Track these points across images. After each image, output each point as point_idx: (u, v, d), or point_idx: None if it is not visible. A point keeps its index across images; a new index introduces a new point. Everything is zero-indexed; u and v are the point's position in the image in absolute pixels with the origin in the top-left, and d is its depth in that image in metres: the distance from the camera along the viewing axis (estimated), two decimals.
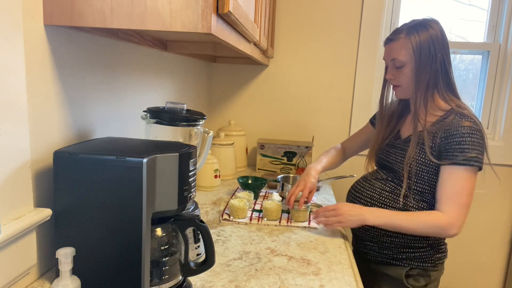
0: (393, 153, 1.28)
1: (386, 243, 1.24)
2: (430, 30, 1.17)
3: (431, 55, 1.16)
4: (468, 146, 1.11)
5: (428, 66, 1.17)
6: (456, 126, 1.13)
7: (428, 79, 1.18)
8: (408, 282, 1.22)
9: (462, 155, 1.11)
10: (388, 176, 1.27)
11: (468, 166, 1.11)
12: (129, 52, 1.16)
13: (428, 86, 1.18)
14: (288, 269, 1.00)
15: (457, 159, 1.11)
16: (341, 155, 1.56)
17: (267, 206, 1.30)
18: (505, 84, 2.04)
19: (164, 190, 0.72)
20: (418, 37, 1.16)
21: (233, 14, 0.78)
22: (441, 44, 1.17)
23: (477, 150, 1.11)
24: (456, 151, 1.12)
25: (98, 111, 1.02)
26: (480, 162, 1.12)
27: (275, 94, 2.19)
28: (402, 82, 1.22)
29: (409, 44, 1.17)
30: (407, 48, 1.17)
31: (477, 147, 1.11)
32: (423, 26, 1.18)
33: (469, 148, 1.11)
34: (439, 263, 1.24)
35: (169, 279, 0.77)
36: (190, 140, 0.99)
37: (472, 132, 1.12)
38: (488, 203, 2.14)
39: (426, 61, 1.16)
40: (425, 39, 1.16)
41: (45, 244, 0.85)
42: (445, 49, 1.18)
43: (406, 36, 1.18)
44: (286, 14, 2.10)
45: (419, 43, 1.16)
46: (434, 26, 1.18)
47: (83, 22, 0.74)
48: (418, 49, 1.16)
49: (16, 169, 0.73)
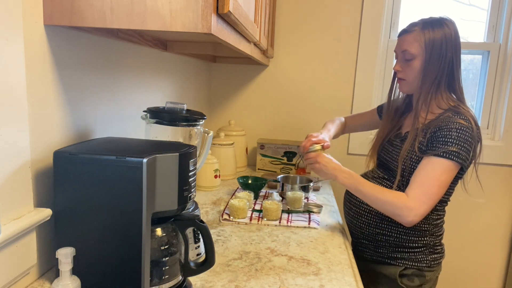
0: (391, 151, 1.29)
1: (381, 242, 1.24)
2: (445, 29, 1.17)
3: (442, 53, 1.16)
4: (452, 140, 1.10)
5: (437, 63, 1.17)
6: (447, 122, 1.13)
7: (435, 77, 1.18)
8: (402, 281, 1.22)
9: (443, 148, 1.11)
10: (385, 175, 1.27)
11: (446, 159, 1.10)
12: (129, 52, 1.16)
13: (433, 83, 1.18)
14: (288, 269, 1.00)
15: (437, 150, 1.11)
16: (343, 128, 1.61)
17: (267, 206, 1.30)
18: (505, 84, 2.04)
19: (164, 190, 0.72)
20: (432, 33, 1.17)
21: (233, 14, 0.78)
22: (453, 44, 1.17)
23: (460, 146, 1.10)
24: (440, 143, 1.12)
25: (98, 111, 1.02)
26: (461, 158, 1.10)
27: (275, 94, 2.19)
28: (409, 75, 1.22)
29: (423, 38, 1.17)
30: (420, 41, 1.18)
31: (462, 143, 1.10)
32: (439, 24, 1.18)
33: (453, 143, 1.10)
34: (434, 264, 1.23)
35: (169, 279, 0.77)
36: (190, 140, 0.99)
37: (461, 129, 1.11)
38: (488, 203, 2.14)
39: (436, 58, 1.17)
40: (439, 36, 1.16)
41: (45, 244, 0.85)
42: (456, 51, 1.18)
43: (420, 30, 1.19)
44: (286, 14, 2.10)
45: (432, 39, 1.16)
46: (449, 26, 1.18)
47: (83, 22, 0.74)
48: (430, 44, 1.17)
49: (16, 169, 0.73)
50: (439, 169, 1.11)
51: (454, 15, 1.23)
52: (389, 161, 1.26)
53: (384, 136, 1.35)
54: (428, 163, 1.12)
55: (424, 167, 1.13)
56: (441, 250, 1.26)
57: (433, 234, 1.23)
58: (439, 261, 1.25)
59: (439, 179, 1.10)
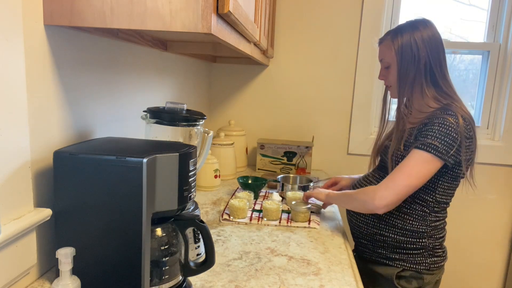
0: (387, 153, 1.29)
1: (379, 242, 1.24)
2: (415, 32, 1.19)
3: (414, 56, 1.18)
4: (433, 134, 1.11)
5: (411, 66, 1.19)
6: (433, 118, 1.14)
7: (412, 79, 1.20)
8: (399, 283, 1.21)
9: (422, 140, 1.11)
10: (384, 176, 1.27)
11: (423, 151, 1.10)
12: (129, 52, 1.16)
13: (412, 85, 1.21)
14: (288, 269, 1.00)
15: (417, 143, 1.12)
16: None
17: (267, 206, 1.30)
18: (505, 84, 2.04)
19: (164, 190, 0.72)
20: (401, 39, 1.20)
21: (233, 14, 0.78)
22: (427, 44, 1.18)
23: (440, 140, 1.10)
24: (421, 136, 1.13)
25: (98, 111, 1.02)
26: (440, 151, 1.09)
27: (275, 94, 2.19)
28: (391, 81, 1.27)
29: (393, 45, 1.22)
30: (391, 49, 1.22)
31: (442, 137, 1.10)
32: (410, 28, 1.21)
33: (433, 136, 1.10)
34: (434, 267, 1.22)
35: (169, 279, 0.77)
36: (190, 140, 0.99)
37: (444, 123, 1.11)
38: (488, 203, 2.14)
39: (409, 61, 1.19)
40: (407, 40, 1.19)
41: (45, 244, 0.85)
42: (431, 49, 1.19)
43: (390, 38, 1.23)
44: (286, 14, 2.10)
45: (401, 44, 1.20)
46: (421, 27, 1.19)
47: (83, 22, 0.74)
48: (400, 50, 1.20)
49: (16, 169, 0.73)
50: (413, 160, 1.12)
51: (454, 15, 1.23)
52: (386, 162, 1.26)
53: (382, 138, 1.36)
54: (408, 156, 1.14)
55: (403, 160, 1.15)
56: (442, 253, 1.24)
57: (432, 236, 1.22)
58: (440, 265, 1.24)
59: (410, 168, 1.11)
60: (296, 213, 1.30)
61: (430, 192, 1.18)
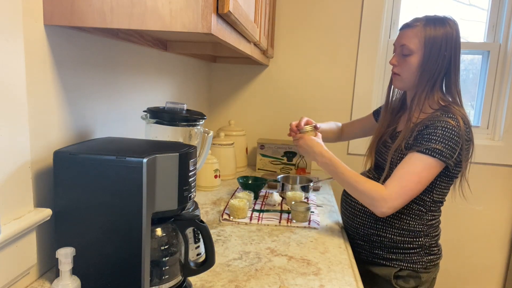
0: (383, 152, 1.29)
1: (376, 243, 1.24)
2: (447, 28, 1.16)
3: (441, 52, 1.15)
4: (437, 138, 1.10)
5: (435, 62, 1.15)
6: (434, 120, 1.13)
7: (432, 76, 1.17)
8: (397, 283, 1.21)
9: (426, 144, 1.10)
10: (380, 176, 1.27)
11: (428, 156, 1.09)
12: (129, 52, 1.16)
13: (428, 82, 1.17)
14: (288, 269, 1.00)
15: (421, 147, 1.11)
16: (338, 132, 1.64)
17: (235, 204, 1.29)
18: (505, 84, 2.04)
19: (164, 190, 0.72)
20: (434, 31, 1.15)
21: (233, 14, 0.78)
22: (454, 45, 1.16)
23: (444, 144, 1.09)
24: (424, 140, 1.11)
25: (98, 111, 1.02)
26: (444, 156, 1.09)
27: (275, 94, 2.19)
28: (404, 71, 1.21)
29: (423, 34, 1.16)
30: (420, 37, 1.16)
31: (446, 141, 1.09)
32: (442, 22, 1.17)
33: (437, 140, 1.09)
34: (430, 266, 1.22)
35: (169, 279, 0.77)
36: (190, 140, 0.99)
37: (447, 127, 1.10)
38: (488, 204, 2.14)
39: (435, 56, 1.15)
40: (440, 35, 1.15)
41: (45, 244, 0.85)
42: (456, 51, 1.17)
43: (422, 26, 1.17)
44: (286, 14, 2.10)
45: (433, 36, 1.15)
46: (452, 25, 1.17)
47: (83, 22, 0.74)
48: (430, 42, 1.15)
49: (16, 169, 0.73)
50: (420, 165, 1.10)
51: (454, 15, 1.22)
52: (383, 162, 1.26)
53: (380, 135, 1.34)
54: (411, 158, 1.12)
55: (406, 161, 1.13)
56: (437, 251, 1.25)
57: (428, 235, 1.22)
58: (436, 262, 1.24)
59: (419, 175, 1.10)
60: (296, 213, 1.31)
61: (428, 192, 1.18)
